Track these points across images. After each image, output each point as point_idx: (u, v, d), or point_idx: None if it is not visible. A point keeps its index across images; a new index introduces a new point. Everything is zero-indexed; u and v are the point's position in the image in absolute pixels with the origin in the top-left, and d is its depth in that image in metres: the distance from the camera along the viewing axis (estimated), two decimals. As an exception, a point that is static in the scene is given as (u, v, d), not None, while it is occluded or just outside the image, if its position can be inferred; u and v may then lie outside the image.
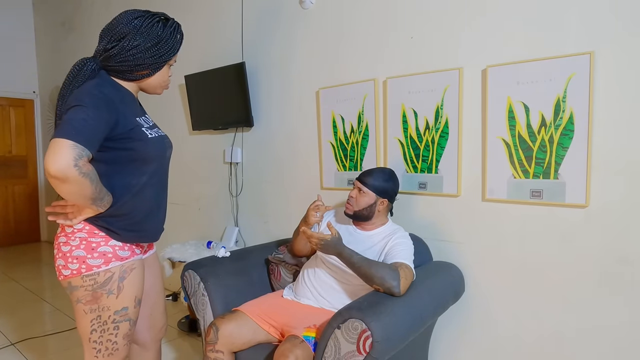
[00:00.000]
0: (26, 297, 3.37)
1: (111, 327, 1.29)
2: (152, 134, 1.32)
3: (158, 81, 1.35)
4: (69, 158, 1.05)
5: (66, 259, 1.24)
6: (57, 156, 1.05)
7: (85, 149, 1.08)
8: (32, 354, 2.41)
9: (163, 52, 1.29)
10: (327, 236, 1.48)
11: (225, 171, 2.97)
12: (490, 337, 1.83)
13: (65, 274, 1.25)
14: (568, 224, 1.61)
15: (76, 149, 1.07)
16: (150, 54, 1.27)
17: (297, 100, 2.47)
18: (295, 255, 1.95)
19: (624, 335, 1.53)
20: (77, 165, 1.07)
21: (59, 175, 1.05)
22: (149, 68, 1.30)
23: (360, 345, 1.28)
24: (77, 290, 1.25)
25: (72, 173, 1.06)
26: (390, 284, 1.42)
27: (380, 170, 1.72)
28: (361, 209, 1.69)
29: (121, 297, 1.29)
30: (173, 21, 1.33)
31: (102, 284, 1.26)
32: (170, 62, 1.35)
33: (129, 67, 1.26)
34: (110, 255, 1.26)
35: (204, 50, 3.01)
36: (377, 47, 2.09)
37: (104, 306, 1.27)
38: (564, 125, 1.58)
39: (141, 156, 1.28)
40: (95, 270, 1.24)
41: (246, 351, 1.62)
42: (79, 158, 1.07)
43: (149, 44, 1.25)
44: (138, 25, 1.24)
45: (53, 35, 4.85)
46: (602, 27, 1.50)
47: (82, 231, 1.25)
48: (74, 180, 1.08)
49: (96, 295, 1.26)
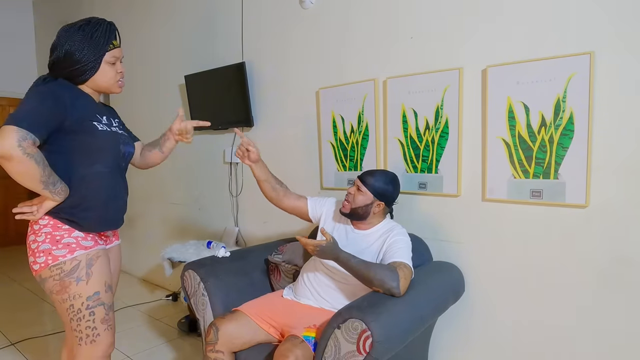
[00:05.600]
0: (26, 297, 3.38)
1: (86, 313, 1.37)
2: (103, 127, 1.42)
3: (105, 79, 1.44)
4: (13, 139, 1.17)
5: (35, 254, 1.34)
6: (3, 139, 1.17)
7: (29, 132, 1.20)
8: (32, 354, 2.41)
9: (90, 52, 1.39)
10: (322, 242, 1.47)
11: (225, 171, 2.97)
12: (490, 337, 1.83)
13: (36, 269, 1.35)
14: (568, 224, 1.61)
15: (20, 132, 1.18)
16: (79, 56, 1.38)
17: (297, 100, 2.47)
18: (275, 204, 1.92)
19: (623, 335, 1.53)
20: (21, 146, 1.18)
21: (4, 153, 1.17)
22: (85, 68, 1.39)
23: (360, 345, 1.28)
24: (47, 281, 1.35)
25: (16, 152, 1.17)
26: (390, 285, 1.41)
27: (383, 173, 1.71)
28: (357, 207, 1.67)
29: (91, 282, 1.37)
30: (96, 21, 1.43)
31: (69, 272, 1.34)
32: (107, 59, 1.42)
33: (70, 72, 1.38)
34: (74, 246, 1.36)
35: (204, 50, 3.01)
36: (377, 47, 2.09)
37: (75, 294, 1.35)
38: (564, 125, 1.58)
39: (91, 147, 1.38)
40: (60, 260, 1.33)
41: (246, 351, 1.62)
42: (23, 140, 1.18)
43: (75, 47, 1.37)
44: (63, 35, 1.40)
45: (53, 35, 4.83)
46: (602, 27, 1.50)
47: (47, 226, 1.35)
48: (19, 159, 1.18)
49: (64, 284, 1.34)
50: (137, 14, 3.60)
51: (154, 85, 3.52)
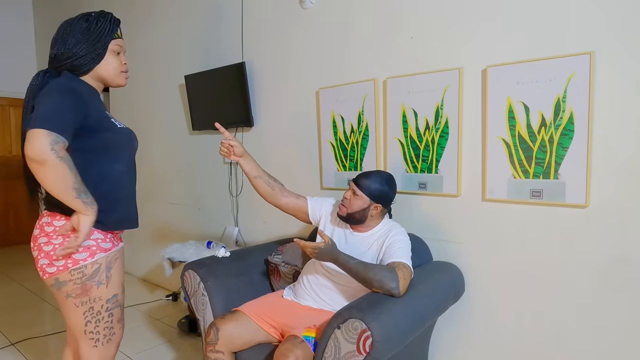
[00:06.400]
0: (26, 297, 3.37)
1: (105, 315, 1.37)
2: (120, 124, 1.41)
3: (110, 69, 1.40)
4: (46, 142, 1.13)
5: (50, 257, 1.29)
6: (35, 141, 1.12)
7: (59, 135, 1.15)
8: (32, 354, 2.41)
9: (95, 39, 1.36)
10: (320, 244, 1.47)
11: (225, 171, 2.97)
12: (491, 337, 1.83)
13: (51, 271, 1.30)
14: (568, 224, 1.61)
15: (51, 135, 1.14)
16: (84, 45, 1.35)
17: (297, 100, 2.47)
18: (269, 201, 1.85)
19: (624, 334, 1.53)
20: (54, 150, 1.13)
21: (37, 157, 1.12)
22: (90, 57, 1.36)
23: (360, 345, 1.28)
24: (65, 285, 1.31)
25: (49, 156, 1.12)
26: (389, 286, 1.41)
27: (378, 174, 1.67)
28: (354, 212, 1.65)
29: (110, 285, 1.37)
30: (98, 12, 1.41)
31: (91, 276, 1.32)
32: (112, 47, 1.40)
33: (73, 63, 1.34)
34: (94, 248, 1.32)
35: (204, 50, 3.01)
36: (377, 47, 2.09)
37: (95, 297, 1.34)
38: (564, 125, 1.58)
39: (113, 145, 1.37)
40: (82, 263, 1.30)
41: (246, 351, 1.62)
42: (55, 143, 1.14)
43: (79, 36, 1.35)
44: (66, 27, 1.37)
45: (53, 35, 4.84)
46: (602, 27, 1.50)
47: None
48: (52, 163, 1.13)
49: (85, 288, 1.32)
50: (137, 14, 3.60)
51: (154, 85, 3.52)
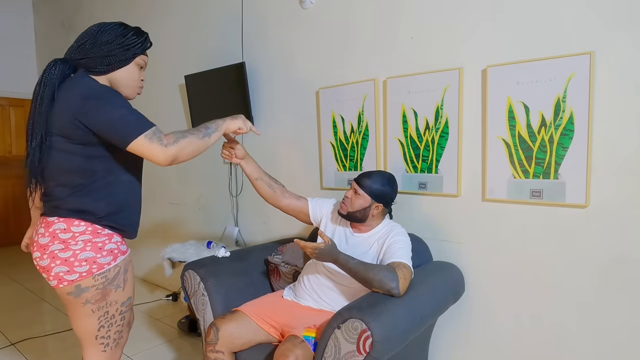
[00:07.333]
0: (26, 297, 3.38)
1: (118, 319, 1.37)
2: None
3: (129, 79, 1.38)
4: (156, 146, 1.18)
5: (70, 264, 1.25)
6: (151, 152, 1.18)
7: (151, 126, 1.21)
8: (32, 354, 2.41)
9: (127, 45, 1.34)
10: (320, 245, 1.47)
11: (225, 171, 2.97)
12: (490, 337, 1.83)
13: (72, 279, 1.25)
14: (568, 224, 1.61)
15: (149, 135, 1.19)
16: (116, 46, 1.32)
17: (297, 100, 2.47)
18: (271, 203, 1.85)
19: (624, 334, 1.53)
20: (165, 143, 1.19)
21: (169, 160, 1.20)
22: (116, 59, 1.33)
23: (360, 345, 1.28)
24: (86, 291, 1.28)
25: (171, 150, 1.19)
26: (389, 286, 1.41)
27: (379, 174, 1.69)
28: (355, 210, 1.66)
29: (126, 288, 1.37)
30: (135, 27, 1.39)
31: (112, 280, 1.32)
32: (139, 60, 1.38)
33: (96, 59, 1.30)
34: (116, 252, 1.32)
35: (204, 50, 3.01)
36: (377, 47, 2.09)
37: (112, 301, 1.33)
38: (564, 125, 1.58)
39: (131, 154, 1.35)
40: (106, 267, 1.29)
41: (246, 351, 1.62)
42: (158, 139, 1.19)
43: (114, 37, 1.32)
44: (102, 26, 1.34)
45: (53, 35, 4.85)
46: (602, 27, 1.50)
47: (85, 233, 1.27)
48: (178, 150, 1.21)
49: (105, 292, 1.31)
50: (137, 15, 3.60)
51: (154, 85, 3.52)
